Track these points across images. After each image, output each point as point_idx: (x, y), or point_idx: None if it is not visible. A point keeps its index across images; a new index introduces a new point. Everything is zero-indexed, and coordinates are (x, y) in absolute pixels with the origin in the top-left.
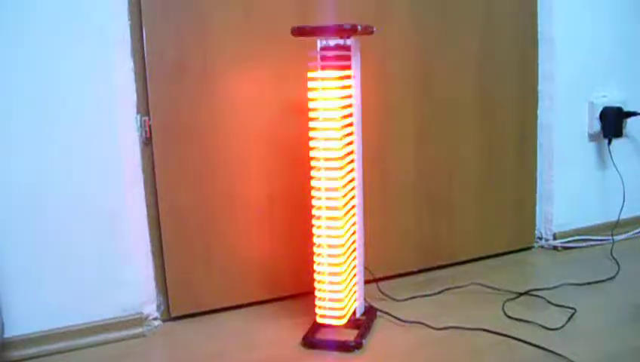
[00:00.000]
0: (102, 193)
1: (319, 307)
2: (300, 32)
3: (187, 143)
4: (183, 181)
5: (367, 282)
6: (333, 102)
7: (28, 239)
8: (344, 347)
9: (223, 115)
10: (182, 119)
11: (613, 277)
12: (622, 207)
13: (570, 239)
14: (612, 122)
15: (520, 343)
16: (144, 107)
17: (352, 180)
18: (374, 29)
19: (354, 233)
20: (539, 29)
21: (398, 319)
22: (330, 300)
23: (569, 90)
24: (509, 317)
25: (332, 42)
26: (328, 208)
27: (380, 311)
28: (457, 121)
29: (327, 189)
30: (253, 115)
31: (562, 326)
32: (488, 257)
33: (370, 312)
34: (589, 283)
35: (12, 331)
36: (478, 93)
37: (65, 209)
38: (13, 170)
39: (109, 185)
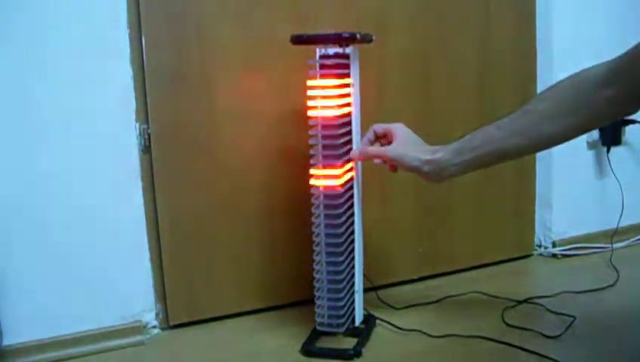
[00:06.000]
0: (101, 201)
1: (318, 315)
2: (298, 40)
3: (186, 152)
4: (182, 189)
5: (366, 290)
6: (332, 110)
7: (26, 247)
8: (343, 355)
9: (222, 124)
10: (181, 127)
11: (613, 285)
12: (621, 214)
13: (569, 247)
14: (611, 130)
15: (519, 351)
16: (143, 115)
17: (350, 188)
18: (373, 38)
19: (353, 241)
20: (537, 35)
21: (397, 327)
22: (329, 308)
23: None
24: (508, 324)
25: (331, 51)
26: (327, 216)
27: (379, 319)
28: (456, 129)
29: (326, 197)
30: (253, 123)
31: (561, 334)
32: (487, 265)
33: (369, 320)
34: (588, 291)
35: (10, 339)
36: (477, 101)
37: (64, 216)
38: (12, 179)
39: (107, 193)
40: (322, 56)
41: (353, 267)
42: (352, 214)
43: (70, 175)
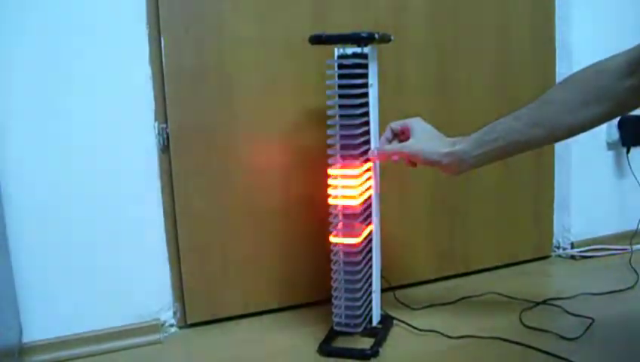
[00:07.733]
0: (119, 199)
1: (336, 315)
2: (317, 40)
3: (205, 151)
4: (200, 188)
5: (383, 290)
6: (350, 110)
7: (45, 245)
8: (360, 355)
9: (240, 123)
10: (200, 127)
11: (632, 287)
12: None
13: (588, 248)
14: (631, 131)
15: (537, 352)
16: (162, 114)
17: (368, 188)
18: (392, 38)
19: (370, 241)
20: (556, 36)
21: (414, 327)
22: (347, 308)
23: None
24: (526, 326)
25: (349, 50)
26: (345, 216)
27: (396, 319)
28: (475, 129)
29: (344, 197)
30: (271, 123)
31: (580, 336)
32: (505, 266)
33: (386, 320)
34: (607, 293)
35: (29, 336)
36: (496, 102)
37: (82, 215)
38: (32, 178)
39: (126, 191)
40: (341, 56)
41: (371, 267)
42: (370, 214)
43: (89, 174)
